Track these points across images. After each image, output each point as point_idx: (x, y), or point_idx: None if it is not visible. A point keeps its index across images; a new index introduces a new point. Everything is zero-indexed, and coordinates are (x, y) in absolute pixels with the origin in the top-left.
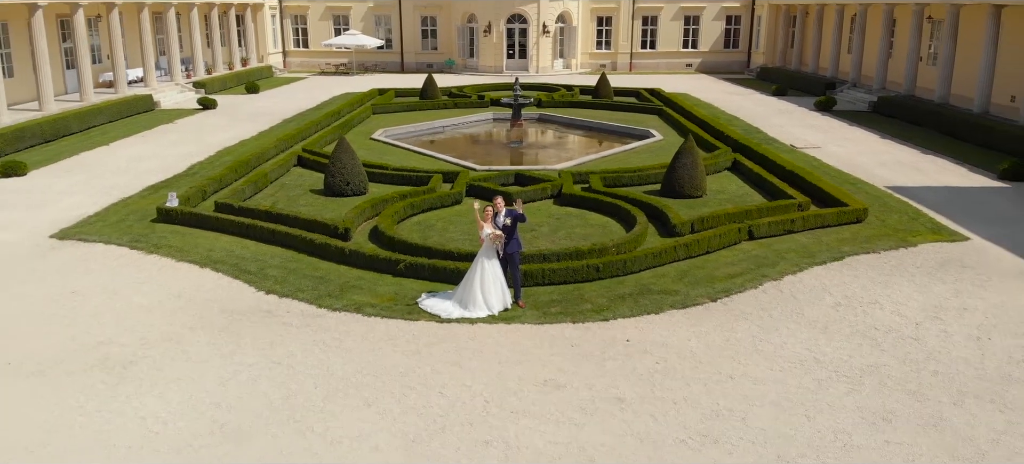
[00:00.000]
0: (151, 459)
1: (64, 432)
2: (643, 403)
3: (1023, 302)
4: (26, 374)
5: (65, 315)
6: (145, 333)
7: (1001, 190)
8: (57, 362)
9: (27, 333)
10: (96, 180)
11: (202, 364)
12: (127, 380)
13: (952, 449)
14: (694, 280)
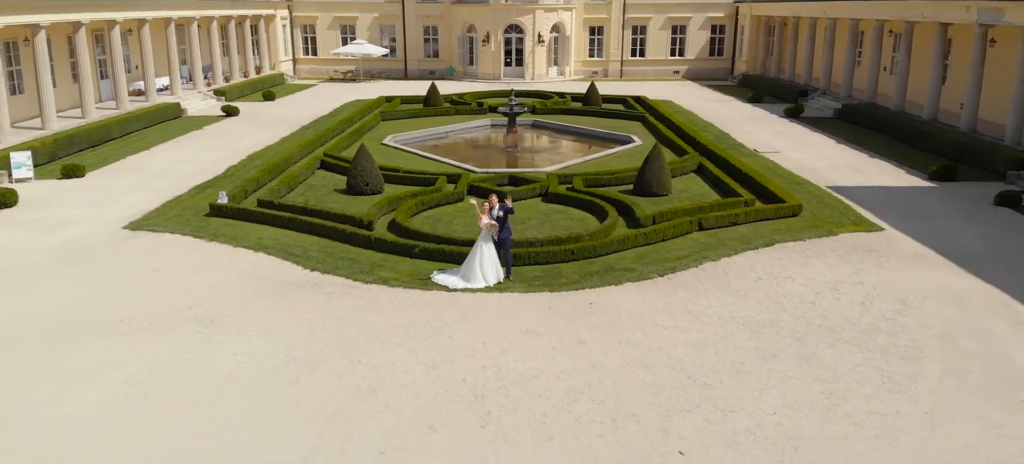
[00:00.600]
0: (247, 377)
1: (180, 361)
2: (597, 344)
3: (907, 278)
4: (138, 327)
5: (154, 287)
6: (221, 299)
7: (928, 189)
8: (159, 319)
9: (130, 299)
10: (146, 181)
11: (270, 320)
12: (216, 330)
13: (817, 374)
14: (649, 261)
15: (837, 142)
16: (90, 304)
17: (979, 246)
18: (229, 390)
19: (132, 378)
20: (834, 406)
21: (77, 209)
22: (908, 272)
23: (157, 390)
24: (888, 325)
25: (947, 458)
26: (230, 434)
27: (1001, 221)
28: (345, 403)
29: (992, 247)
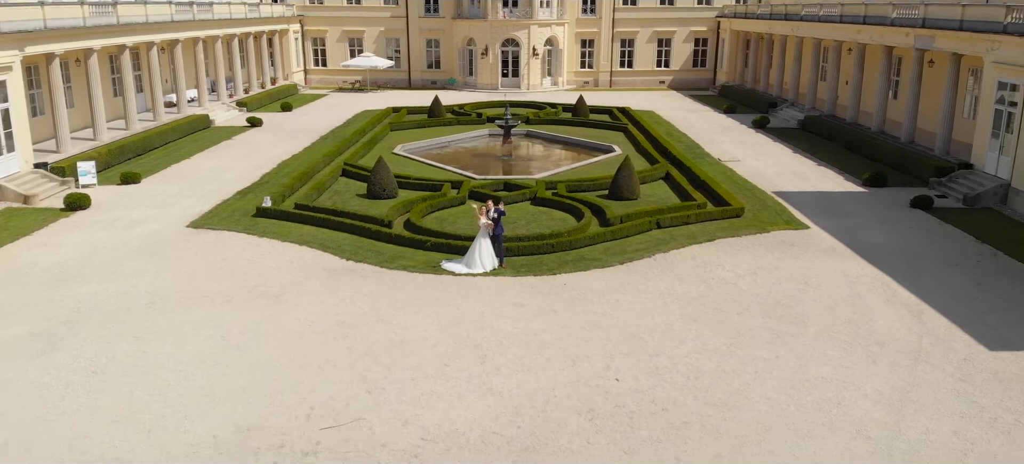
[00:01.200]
0: (309, 334)
1: (258, 323)
2: (566, 312)
3: (815, 266)
4: (220, 302)
5: (224, 272)
6: (279, 281)
7: (858, 194)
8: (235, 295)
9: (208, 281)
10: (194, 187)
11: (319, 295)
12: (279, 303)
13: (724, 332)
14: (613, 253)
15: (793, 151)
16: (178, 284)
17: (884, 241)
18: (297, 342)
19: (225, 335)
20: (731, 352)
21: (144, 211)
22: (817, 261)
23: (246, 342)
24: (788, 300)
25: (805, 384)
26: (301, 372)
27: (911, 221)
28: (382, 350)
29: (895, 242)
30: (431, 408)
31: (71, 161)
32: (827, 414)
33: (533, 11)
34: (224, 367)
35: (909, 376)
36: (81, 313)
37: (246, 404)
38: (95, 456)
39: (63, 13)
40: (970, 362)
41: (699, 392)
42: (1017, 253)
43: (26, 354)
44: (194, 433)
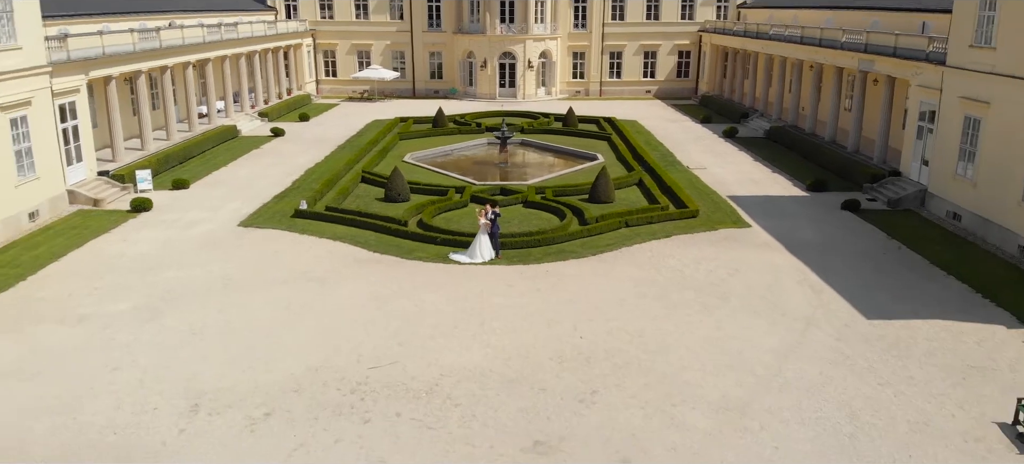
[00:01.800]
0: (351, 307)
1: (311, 299)
2: (546, 291)
3: (749, 256)
4: (278, 283)
5: (276, 261)
6: (322, 268)
7: (800, 198)
8: (288, 279)
9: (265, 268)
10: (236, 192)
11: (356, 279)
12: (324, 285)
13: (663, 304)
14: (588, 247)
15: (754, 160)
16: (243, 271)
17: (811, 237)
18: (343, 312)
19: (287, 307)
20: (667, 318)
21: (198, 212)
22: (750, 253)
23: (304, 312)
24: (720, 282)
25: (717, 340)
26: (349, 331)
27: (838, 221)
28: (407, 317)
29: (820, 238)
30: (445, 355)
31: (128, 169)
32: (729, 360)
33: (528, 27)
34: (291, 329)
35: (798, 337)
36: (172, 292)
37: (312, 353)
38: (209, 387)
39: (117, 40)
40: (849, 327)
41: (639, 345)
42: (918, 246)
43: (138, 321)
44: (277, 372)
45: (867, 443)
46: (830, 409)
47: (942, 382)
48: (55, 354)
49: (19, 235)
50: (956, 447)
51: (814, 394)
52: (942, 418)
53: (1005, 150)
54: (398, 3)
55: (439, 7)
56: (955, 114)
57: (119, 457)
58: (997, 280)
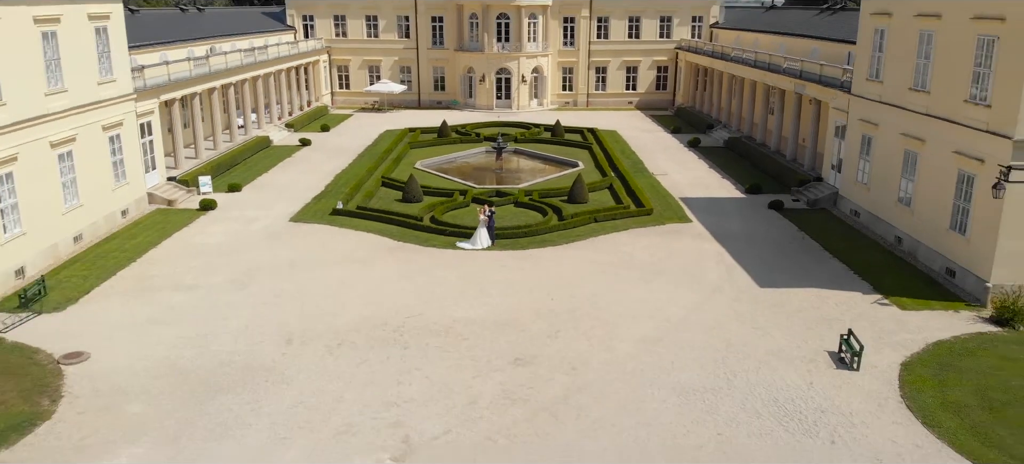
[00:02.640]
0: (387, 280)
1: (358, 275)
2: (529, 269)
3: (685, 244)
4: (331, 264)
5: (326, 248)
6: (361, 253)
7: (738, 199)
8: (338, 261)
9: (319, 253)
10: (281, 195)
11: (387, 261)
12: (365, 265)
13: (615, 276)
14: (564, 238)
15: (709, 167)
16: (303, 255)
17: (737, 229)
18: (382, 283)
19: (341, 280)
20: (614, 287)
21: (254, 211)
22: (686, 242)
23: (354, 283)
24: (658, 262)
25: (648, 301)
26: (387, 295)
27: (763, 217)
28: (427, 286)
29: (744, 230)
30: (455, 310)
31: (189, 174)
32: (653, 312)
33: (522, 45)
34: (346, 293)
35: (706, 298)
36: (251, 270)
37: (363, 308)
38: (296, 329)
39: (178, 68)
40: (744, 293)
41: (591, 304)
42: (820, 237)
43: (232, 289)
44: (341, 319)
45: (734, 360)
46: (715, 342)
47: (800, 328)
48: (179, 311)
49: (116, 228)
50: (794, 365)
51: (706, 333)
52: (791, 348)
53: (887, 162)
54: (405, 23)
55: (442, 27)
56: (856, 132)
57: (246, 368)
58: (871, 262)
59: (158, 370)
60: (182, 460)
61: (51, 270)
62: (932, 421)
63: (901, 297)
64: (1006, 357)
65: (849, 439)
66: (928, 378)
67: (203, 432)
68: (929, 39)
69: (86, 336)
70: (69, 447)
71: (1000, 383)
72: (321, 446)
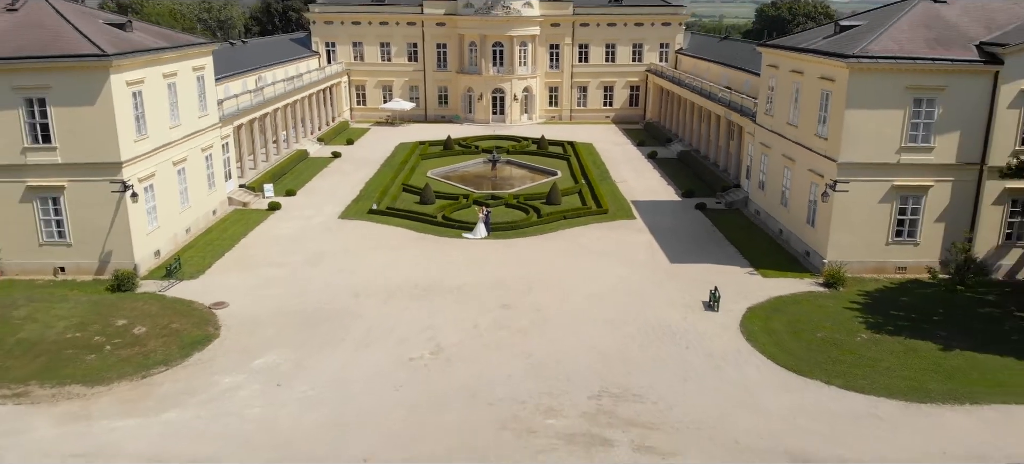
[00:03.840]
0: (415, 261)
1: (394, 258)
2: (514, 252)
3: (626, 236)
4: (374, 248)
5: (368, 239)
6: (394, 242)
7: (675, 201)
8: (376, 247)
9: (364, 242)
10: (328, 199)
11: (412, 248)
12: (398, 250)
13: (573, 255)
14: (541, 231)
15: (660, 176)
16: (353, 243)
17: (668, 225)
18: (413, 262)
19: (384, 261)
20: (571, 264)
21: (309, 211)
22: (629, 234)
23: (393, 262)
24: (605, 247)
25: (593, 271)
26: (416, 268)
27: (689, 215)
28: (443, 263)
29: (672, 225)
30: (462, 278)
31: (255, 182)
32: (595, 279)
33: (514, 68)
34: (389, 267)
35: (632, 271)
36: (318, 253)
37: (400, 277)
38: (360, 288)
39: (243, 99)
40: (659, 267)
41: (554, 274)
42: (727, 231)
43: (309, 265)
44: (388, 283)
45: (642, 306)
46: (632, 297)
47: (689, 288)
48: (276, 279)
49: (211, 224)
50: (677, 309)
51: (628, 292)
52: (679, 300)
53: (774, 174)
54: (413, 49)
55: (446, 53)
56: (758, 151)
57: (331, 311)
58: (757, 247)
59: (275, 312)
60: (303, 358)
61: (175, 253)
62: (752, 338)
63: (768, 270)
64: (818, 305)
65: (698, 346)
66: (759, 316)
67: (312, 345)
68: (797, 88)
69: (219, 293)
70: (235, 351)
71: (806, 319)
72: (387, 349)
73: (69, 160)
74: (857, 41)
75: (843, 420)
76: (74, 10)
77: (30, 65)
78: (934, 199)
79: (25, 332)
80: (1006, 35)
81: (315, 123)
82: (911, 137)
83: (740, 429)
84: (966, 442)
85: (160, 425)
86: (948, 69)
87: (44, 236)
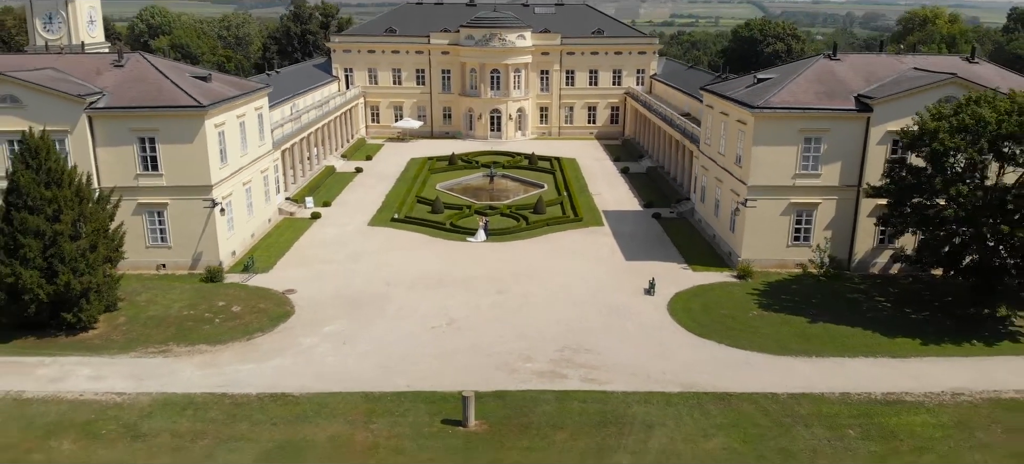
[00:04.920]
0: (429, 256)
1: (416, 255)
2: (508, 252)
3: (595, 239)
4: (400, 247)
5: (394, 241)
6: (414, 244)
7: (637, 211)
8: (402, 247)
9: (391, 242)
10: (358, 209)
11: (428, 248)
12: (417, 250)
13: (552, 257)
14: (528, 236)
15: (628, 188)
16: (381, 244)
17: (628, 230)
18: (427, 258)
19: (407, 257)
20: (550, 261)
21: (344, 219)
22: (597, 237)
23: (415, 257)
24: (578, 248)
25: (568, 267)
26: (432, 263)
27: (646, 223)
28: (451, 260)
29: (632, 231)
30: (467, 270)
31: (297, 195)
32: (567, 273)
33: (509, 92)
34: (411, 263)
35: (595, 266)
36: (357, 253)
37: (420, 269)
38: (392, 278)
39: (285, 128)
40: (617, 264)
41: (538, 269)
42: (674, 235)
43: (351, 260)
44: (412, 276)
45: (599, 291)
46: (593, 285)
47: (636, 279)
48: (328, 272)
49: (268, 230)
50: (625, 293)
51: (590, 282)
52: (627, 286)
53: (711, 190)
54: (421, 74)
55: (449, 77)
56: (700, 171)
57: (372, 294)
58: (694, 248)
59: (332, 296)
60: (356, 327)
61: (247, 253)
62: (673, 314)
63: (698, 265)
64: (728, 292)
65: (634, 319)
66: (682, 299)
67: (361, 318)
68: (724, 125)
69: (288, 283)
70: (308, 322)
71: (716, 301)
72: (414, 321)
73: (171, 183)
74: (765, 93)
75: (725, 366)
76: (168, 66)
77: (144, 113)
78: (822, 213)
79: (152, 311)
80: (878, 88)
81: (338, 140)
82: (803, 166)
83: (653, 370)
84: (805, 379)
85: (269, 368)
86: (831, 116)
87: (149, 240)
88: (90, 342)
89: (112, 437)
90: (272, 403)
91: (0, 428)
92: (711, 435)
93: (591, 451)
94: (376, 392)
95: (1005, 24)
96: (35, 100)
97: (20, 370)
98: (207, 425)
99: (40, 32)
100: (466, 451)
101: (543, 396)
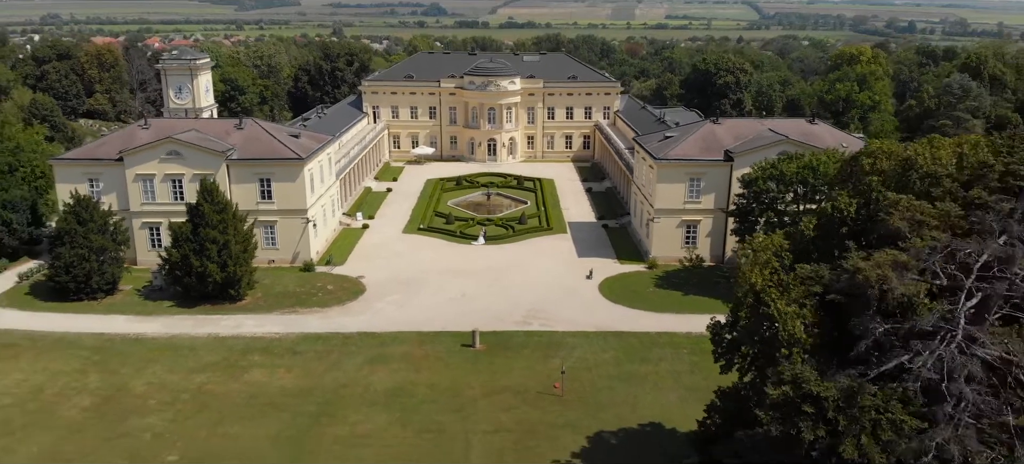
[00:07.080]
0: (448, 255)
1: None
2: (500, 253)
3: (556, 244)
4: (425, 249)
5: (423, 244)
6: (435, 245)
7: (592, 222)
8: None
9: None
10: (392, 220)
11: (447, 249)
12: (439, 250)
13: (528, 256)
14: (515, 241)
15: (590, 205)
16: (415, 246)
17: (583, 237)
18: (446, 257)
19: (432, 256)
20: (528, 258)
21: (386, 229)
22: (561, 242)
23: (439, 256)
24: (545, 249)
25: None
26: (449, 258)
27: (597, 232)
28: (463, 257)
29: (585, 237)
30: (473, 264)
31: (349, 211)
32: (538, 266)
33: (503, 125)
34: (437, 260)
35: (557, 263)
36: (399, 252)
37: (443, 264)
38: (427, 268)
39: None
40: (571, 260)
41: (518, 263)
42: (613, 240)
43: (395, 257)
44: (438, 268)
45: (556, 278)
46: (554, 274)
47: (582, 269)
48: (383, 264)
49: (335, 237)
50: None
51: (552, 273)
52: (577, 274)
53: (638, 208)
54: (433, 110)
55: (456, 113)
56: (634, 194)
57: (413, 279)
58: (625, 249)
59: (388, 280)
60: (408, 297)
61: (326, 253)
62: (603, 291)
63: (624, 260)
64: (639, 277)
65: (577, 295)
66: (610, 282)
67: (410, 293)
68: (645, 165)
69: (358, 271)
70: (377, 295)
71: (631, 283)
72: (442, 295)
73: (280, 208)
74: (667, 148)
75: (623, 318)
76: (273, 128)
77: (264, 163)
78: (703, 226)
79: (277, 289)
80: (739, 145)
81: (371, 165)
82: (690, 196)
83: (581, 320)
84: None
85: (360, 319)
86: (708, 164)
87: (264, 245)
88: (246, 307)
89: (280, 352)
90: (365, 338)
91: (212, 350)
92: (607, 351)
93: (540, 358)
94: (424, 331)
95: (918, 59)
96: (192, 153)
97: (212, 323)
98: (331, 348)
99: (173, 99)
100: (475, 360)
101: (518, 334)
